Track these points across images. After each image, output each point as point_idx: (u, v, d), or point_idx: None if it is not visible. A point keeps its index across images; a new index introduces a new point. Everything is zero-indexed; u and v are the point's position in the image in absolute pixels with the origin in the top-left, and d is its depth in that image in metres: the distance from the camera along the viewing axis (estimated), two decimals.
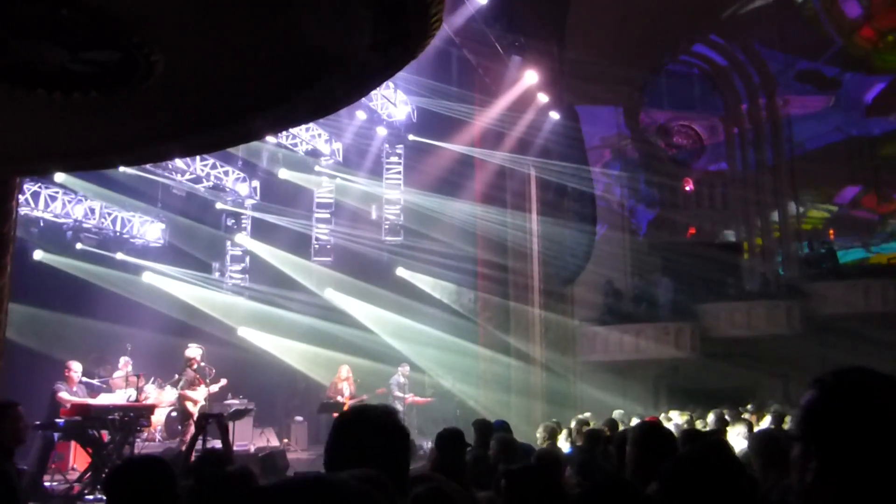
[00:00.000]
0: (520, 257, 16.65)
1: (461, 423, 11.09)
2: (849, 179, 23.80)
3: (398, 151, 17.67)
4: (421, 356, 15.60)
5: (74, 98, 3.95)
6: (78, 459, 10.77)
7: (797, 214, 23.74)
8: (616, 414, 11.08)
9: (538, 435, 7.83)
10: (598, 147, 18.72)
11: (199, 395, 11.11)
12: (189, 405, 11.08)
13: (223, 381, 11.65)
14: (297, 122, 8.94)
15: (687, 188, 26.29)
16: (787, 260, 23.05)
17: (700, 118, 27.12)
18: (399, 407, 13.89)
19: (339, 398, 13.08)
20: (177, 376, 11.91)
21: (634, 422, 8.81)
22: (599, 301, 17.71)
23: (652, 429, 3.55)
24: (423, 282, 16.95)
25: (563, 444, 8.01)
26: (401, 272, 17.27)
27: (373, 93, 13.70)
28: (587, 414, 11.68)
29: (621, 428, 7.80)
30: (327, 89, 4.18)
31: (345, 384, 13.42)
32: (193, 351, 11.41)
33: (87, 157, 5.52)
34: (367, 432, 2.04)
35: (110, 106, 4.25)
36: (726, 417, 8.84)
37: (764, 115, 25.27)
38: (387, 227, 17.43)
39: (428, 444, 12.10)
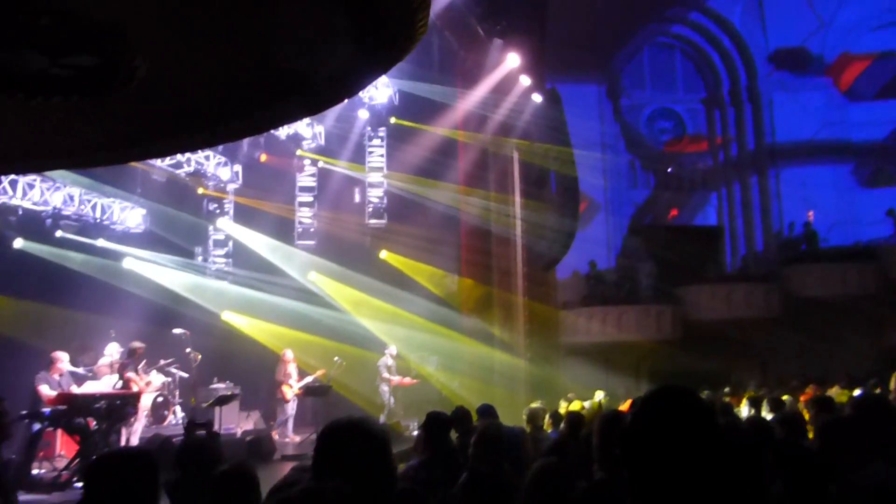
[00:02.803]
0: (503, 242, 16.63)
1: (444, 407, 11.36)
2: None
3: (380, 135, 17.49)
4: (404, 340, 15.48)
5: (53, 102, 3.84)
6: (65, 446, 10.77)
7: (778, 196, 24.09)
8: (597, 397, 11.10)
9: (523, 415, 7.84)
10: (580, 129, 18.37)
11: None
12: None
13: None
14: (284, 122, 8.93)
15: (668, 170, 26.49)
16: (766, 242, 23.60)
17: (682, 100, 27.29)
18: (385, 388, 14.32)
19: (290, 381, 13.05)
20: (161, 362, 12.11)
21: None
22: (582, 284, 17.90)
23: (615, 418, 3.49)
24: (406, 266, 16.85)
25: (547, 428, 8.00)
26: (384, 256, 17.24)
27: None
28: (570, 395, 12.01)
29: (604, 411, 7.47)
30: (312, 92, 4.12)
31: (292, 366, 13.36)
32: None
33: (57, 157, 5.42)
34: (355, 444, 2.07)
35: (85, 109, 4.17)
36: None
37: (745, 95, 25.79)
38: (370, 210, 17.30)
39: (414, 425, 12.55)
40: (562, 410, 9.52)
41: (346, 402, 15.12)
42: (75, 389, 9.65)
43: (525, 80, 15.54)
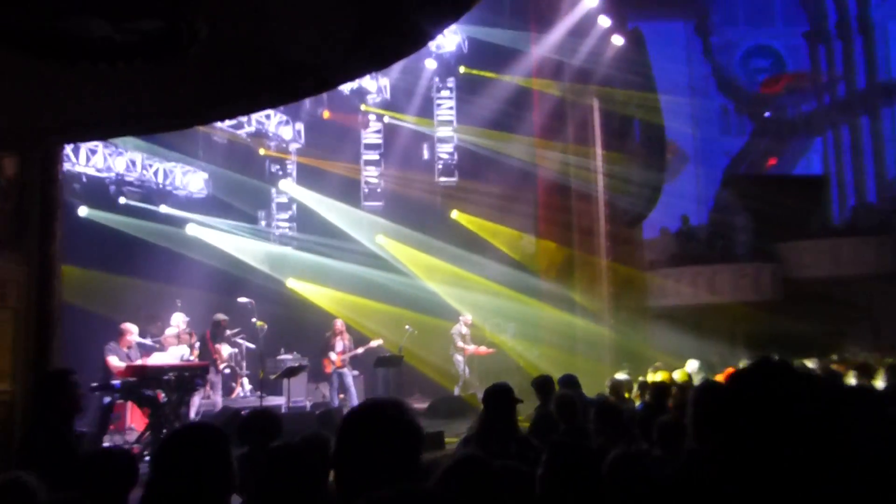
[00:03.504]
0: (583, 198, 16.24)
1: (522, 378, 11.65)
2: None
3: (449, 86, 17.39)
4: (479, 307, 15.40)
5: (118, 68, 4.06)
6: (134, 419, 11.25)
7: (894, 140, 22.81)
8: (690, 366, 10.64)
9: (606, 387, 7.90)
10: (665, 72, 18.05)
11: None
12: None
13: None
14: (346, 80, 8.96)
15: (766, 114, 25.33)
16: (879, 192, 22.43)
17: (781, 35, 25.97)
18: (459, 358, 14.31)
19: (332, 354, 13.06)
20: (227, 332, 12.35)
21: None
22: (670, 242, 17.52)
23: (711, 389, 3.42)
24: (480, 227, 16.71)
25: (635, 399, 7.94)
26: (456, 216, 17.10)
27: None
28: (657, 364, 11.47)
29: (696, 381, 7.68)
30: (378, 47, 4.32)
31: (338, 339, 13.28)
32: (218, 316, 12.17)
33: (117, 125, 5.82)
34: (376, 431, 2.07)
35: (150, 74, 4.39)
36: (810, 369, 8.37)
37: (855, 26, 24.39)
38: (440, 167, 17.28)
39: None
40: (649, 380, 9.15)
41: (418, 374, 15.41)
42: (144, 361, 9.98)
43: (604, 21, 15.16)
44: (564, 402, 5.65)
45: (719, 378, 7.09)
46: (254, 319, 12.36)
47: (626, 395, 7.94)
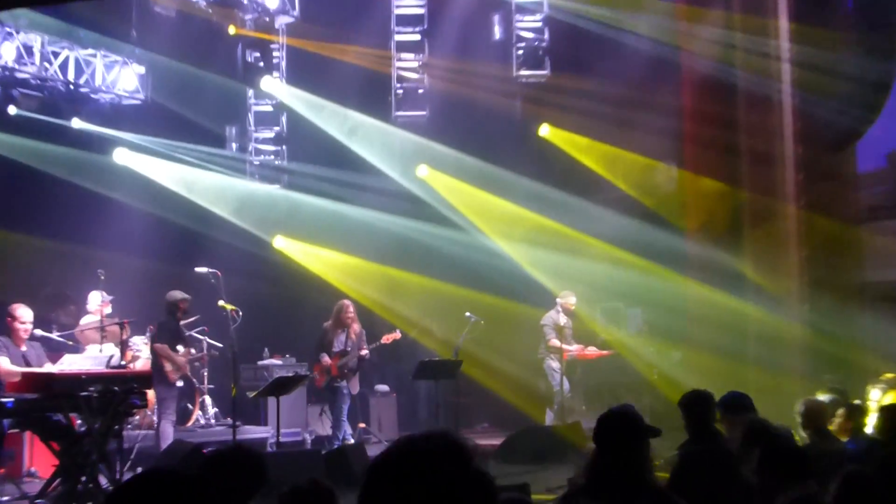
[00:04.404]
0: (758, 103, 15.23)
1: (654, 398, 13.20)
2: None
3: None
4: (585, 284, 14.80)
5: None
6: (37, 459, 10.88)
7: None
8: None
9: (796, 414, 7.63)
10: None
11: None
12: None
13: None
14: None
15: None
16: None
17: None
18: (553, 364, 13.86)
19: (324, 357, 13.03)
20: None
21: None
22: None
23: None
24: (585, 151, 15.82)
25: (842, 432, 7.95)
26: (546, 133, 16.00)
27: None
28: (888, 377, 11.51)
29: None
30: None
31: (340, 333, 13.20)
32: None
33: None
34: (418, 489, 2.06)
35: None
36: None
37: None
38: (520, 54, 15.96)
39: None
40: (869, 403, 9.75)
41: (485, 391, 15.08)
42: (50, 367, 9.68)
43: None
44: (760, 431, 5.88)
45: None
46: (221, 302, 11.85)
47: (829, 426, 7.77)
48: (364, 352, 13.15)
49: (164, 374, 11.73)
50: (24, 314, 9.90)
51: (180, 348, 12.30)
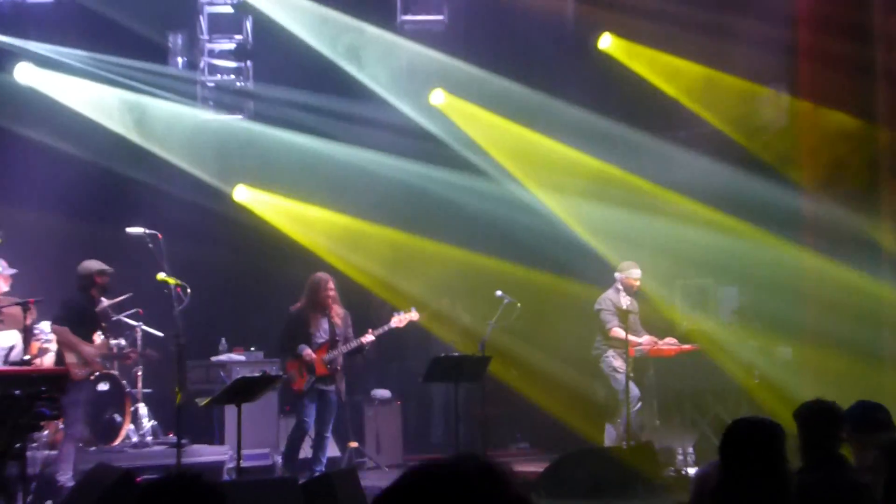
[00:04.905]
0: None
1: (753, 407, 13.05)
2: None
3: None
4: (657, 251, 14.40)
5: None
6: None
7: None
8: None
9: None
10: None
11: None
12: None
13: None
14: None
15: None
16: None
17: None
18: (615, 363, 13.44)
19: (304, 349, 13.05)
20: (104, 302, 12.69)
21: None
22: None
23: None
24: (663, 71, 14.87)
25: None
26: (608, 45, 15.08)
27: None
28: None
29: None
30: None
31: (319, 318, 13.25)
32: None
33: None
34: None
35: None
36: None
37: None
38: None
39: (692, 454, 13.15)
40: None
41: (522, 400, 14.89)
42: None
43: None
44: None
45: None
46: (161, 275, 11.69)
47: None
48: (369, 338, 13.03)
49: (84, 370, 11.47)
50: None
51: (97, 338, 12.06)
